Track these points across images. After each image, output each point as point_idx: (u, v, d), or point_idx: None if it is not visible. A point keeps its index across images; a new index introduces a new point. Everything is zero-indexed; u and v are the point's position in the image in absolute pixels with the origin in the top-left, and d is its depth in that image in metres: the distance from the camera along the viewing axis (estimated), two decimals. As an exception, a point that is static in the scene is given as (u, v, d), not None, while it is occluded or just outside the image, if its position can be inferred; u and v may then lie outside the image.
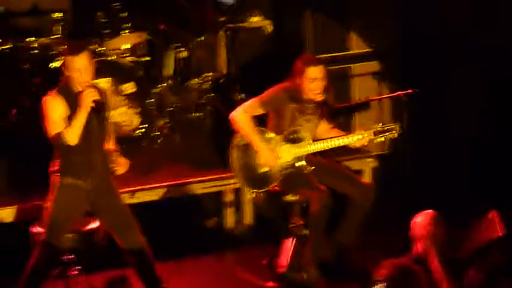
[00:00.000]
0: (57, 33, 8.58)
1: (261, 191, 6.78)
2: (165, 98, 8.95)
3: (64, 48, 6.94)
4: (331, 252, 6.73)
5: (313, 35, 8.89)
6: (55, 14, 8.66)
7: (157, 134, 8.59)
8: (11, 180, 7.72)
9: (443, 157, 8.58)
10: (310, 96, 6.62)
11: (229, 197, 7.97)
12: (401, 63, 8.94)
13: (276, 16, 9.42)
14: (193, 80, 9.29)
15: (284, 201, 6.73)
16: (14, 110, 8.20)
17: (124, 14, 8.74)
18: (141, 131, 8.42)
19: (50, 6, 8.98)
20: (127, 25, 8.72)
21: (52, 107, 5.93)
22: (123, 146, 7.16)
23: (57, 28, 8.60)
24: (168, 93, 9.02)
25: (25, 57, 8.35)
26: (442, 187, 8.21)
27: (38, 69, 8.30)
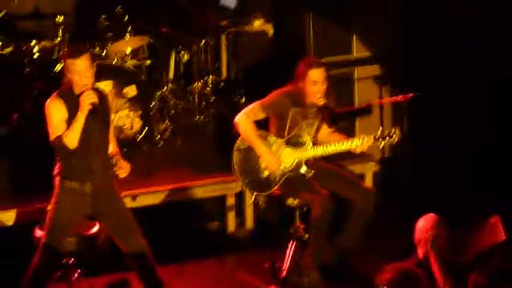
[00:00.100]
0: (59, 36, 8.59)
1: (262, 194, 6.78)
2: (167, 102, 8.96)
3: (64, 51, 6.95)
4: (333, 256, 6.73)
5: (314, 39, 8.89)
6: (57, 17, 8.66)
7: (158, 137, 8.60)
8: (12, 183, 7.71)
9: (443, 159, 8.58)
10: (313, 99, 6.63)
11: (230, 201, 7.96)
12: (403, 66, 8.94)
13: (277, 20, 9.43)
14: (195, 84, 9.30)
15: (285, 205, 6.74)
16: (16, 114, 8.21)
17: (126, 17, 8.75)
18: (143, 134, 8.42)
19: (51, 9, 8.98)
20: (129, 28, 8.73)
21: (52, 111, 5.93)
22: (125, 149, 7.18)
23: (59, 32, 8.60)
24: (170, 96, 9.03)
25: (27, 60, 8.36)
26: (443, 190, 8.20)
27: (40, 73, 8.30)
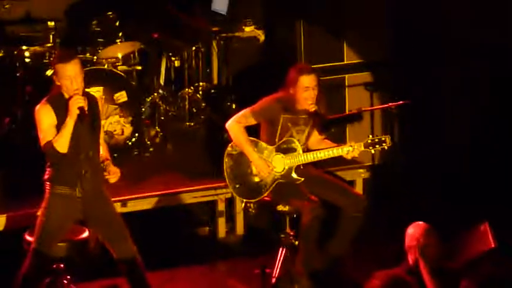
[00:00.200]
0: (50, 41, 8.58)
1: (252, 201, 6.78)
2: (157, 108, 8.96)
3: (54, 56, 6.93)
4: (323, 263, 6.73)
5: (305, 45, 8.90)
6: (48, 22, 8.65)
7: (149, 143, 8.59)
8: (3, 188, 7.68)
9: (435, 165, 8.57)
10: (304, 106, 6.64)
11: (221, 206, 7.95)
12: (393, 73, 8.93)
13: (269, 26, 9.43)
14: (186, 90, 9.30)
15: (276, 212, 6.74)
16: (7, 118, 8.20)
17: (117, 23, 8.75)
18: (133, 140, 8.41)
19: (43, 14, 8.98)
20: (120, 34, 8.73)
21: (42, 116, 5.91)
22: (115, 155, 7.18)
23: (50, 37, 8.59)
24: (160, 102, 9.03)
25: (18, 65, 8.35)
26: (433, 197, 8.21)
27: (31, 78, 8.29)
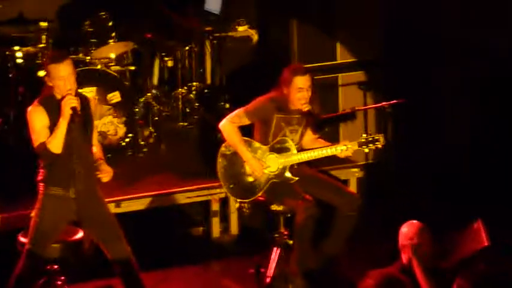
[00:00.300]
0: (43, 42, 8.56)
1: (246, 200, 6.78)
2: (151, 108, 8.95)
3: (46, 57, 6.91)
4: (318, 262, 6.72)
5: (299, 44, 8.89)
6: (40, 23, 8.63)
7: (143, 143, 8.58)
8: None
9: (429, 164, 8.57)
10: (297, 106, 6.63)
11: (215, 206, 7.95)
12: (389, 70, 8.92)
13: (262, 26, 9.43)
14: (179, 90, 9.29)
15: (270, 211, 6.73)
16: (0, 119, 8.18)
17: (110, 23, 8.74)
18: (127, 140, 8.40)
19: (35, 15, 8.97)
20: (113, 34, 8.71)
21: (34, 117, 5.90)
22: (109, 155, 7.17)
23: (43, 37, 8.58)
24: (154, 102, 9.02)
25: (10, 66, 8.33)
26: (427, 196, 8.22)
27: (23, 78, 8.28)
